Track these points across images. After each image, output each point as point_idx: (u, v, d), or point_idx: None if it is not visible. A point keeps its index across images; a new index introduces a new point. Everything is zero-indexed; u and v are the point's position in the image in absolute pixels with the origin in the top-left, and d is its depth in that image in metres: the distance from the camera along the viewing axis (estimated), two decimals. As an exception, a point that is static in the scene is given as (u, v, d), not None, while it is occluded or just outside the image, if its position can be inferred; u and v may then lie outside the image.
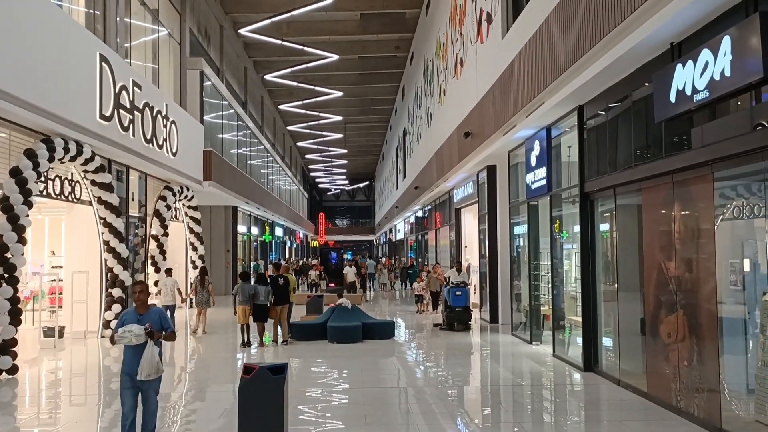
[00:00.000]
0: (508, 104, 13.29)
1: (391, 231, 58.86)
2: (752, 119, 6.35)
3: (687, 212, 7.79)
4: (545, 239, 13.46)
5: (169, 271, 18.06)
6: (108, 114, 14.80)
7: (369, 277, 33.44)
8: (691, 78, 6.74)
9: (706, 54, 6.46)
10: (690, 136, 7.42)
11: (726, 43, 6.13)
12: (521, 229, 15.43)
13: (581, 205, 10.55)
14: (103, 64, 14.49)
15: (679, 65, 7.00)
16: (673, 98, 7.14)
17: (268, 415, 6.58)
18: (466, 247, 24.09)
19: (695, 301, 7.49)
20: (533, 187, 13.10)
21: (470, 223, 24.00)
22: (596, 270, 10.43)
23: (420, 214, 35.83)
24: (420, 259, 34.81)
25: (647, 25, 7.12)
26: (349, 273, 27.94)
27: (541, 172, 12.47)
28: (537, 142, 12.77)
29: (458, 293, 16.53)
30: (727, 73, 6.14)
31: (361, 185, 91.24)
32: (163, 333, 6.71)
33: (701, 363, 7.36)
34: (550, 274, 12.62)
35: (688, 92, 6.81)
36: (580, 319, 11.04)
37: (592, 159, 10.44)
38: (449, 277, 17.39)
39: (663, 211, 8.33)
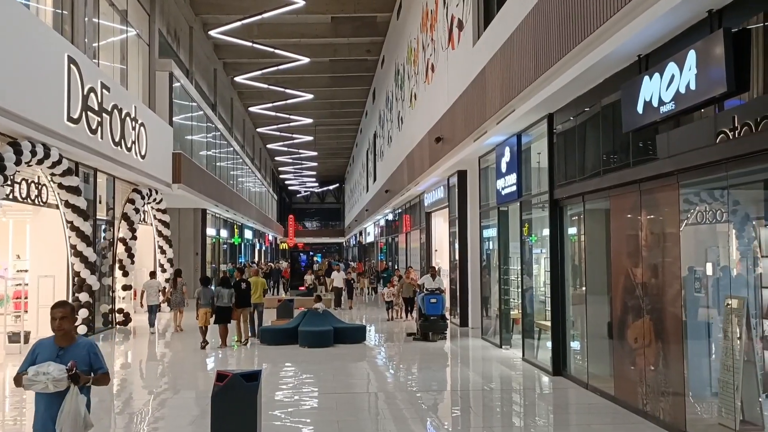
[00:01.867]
0: (480, 111, 13.45)
1: (361, 234, 58.90)
2: (716, 131, 6.54)
3: (653, 219, 7.98)
4: (515, 244, 13.64)
5: (153, 274, 19.58)
6: (76, 116, 14.60)
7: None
8: (657, 90, 6.92)
9: (672, 67, 6.65)
10: (657, 146, 7.61)
11: (691, 57, 6.32)
12: (491, 233, 15.61)
13: (551, 211, 10.73)
14: (72, 66, 14.29)
15: (646, 77, 7.18)
16: (640, 109, 7.32)
17: (242, 423, 6.58)
18: (436, 250, 24.25)
19: (661, 306, 7.68)
20: (503, 192, 13.26)
21: (441, 226, 24.15)
22: (565, 275, 10.61)
23: (390, 217, 35.96)
24: (391, 263, 34.74)
25: (616, 38, 7.29)
26: (336, 278, 24.88)
27: (512, 178, 12.64)
28: (507, 149, 12.94)
29: (433, 300, 15.34)
30: (693, 86, 6.32)
31: (331, 188, 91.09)
32: (92, 376, 4.89)
33: (667, 367, 7.56)
34: (519, 279, 12.79)
35: (655, 104, 7.00)
36: (549, 323, 11.22)
37: (561, 166, 10.62)
38: (423, 284, 16.39)
39: (630, 218, 8.53)
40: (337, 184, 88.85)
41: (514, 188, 12.51)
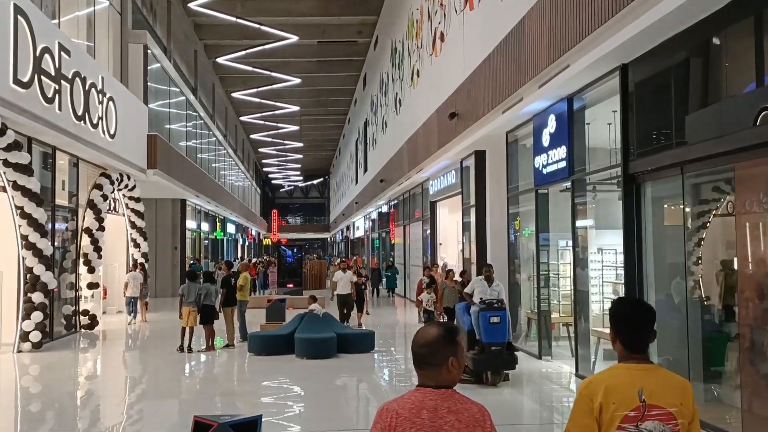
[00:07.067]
0: (514, 74, 11.15)
1: (348, 228, 56.44)
2: None
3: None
4: (559, 234, 11.42)
5: (135, 266, 19.46)
6: (26, 80, 12.10)
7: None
8: None
9: None
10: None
11: None
12: (522, 222, 13.40)
13: (625, 190, 8.41)
14: (19, 17, 11.79)
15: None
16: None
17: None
18: (440, 244, 21.99)
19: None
20: (546, 171, 10.97)
21: (445, 217, 21.94)
22: (643, 273, 8.31)
23: (384, 209, 33.58)
24: (392, 259, 31.55)
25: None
26: (342, 282, 17.04)
27: (560, 152, 10.36)
28: (552, 117, 10.66)
29: (495, 320, 9.52)
30: None
31: (315, 182, 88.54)
32: None
33: None
34: (571, 277, 10.53)
35: None
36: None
37: (641, 131, 8.33)
38: (472, 292, 10.55)
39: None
40: (322, 178, 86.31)
41: (563, 164, 10.21)
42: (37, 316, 13.03)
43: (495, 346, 9.42)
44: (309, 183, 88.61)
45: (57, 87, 13.51)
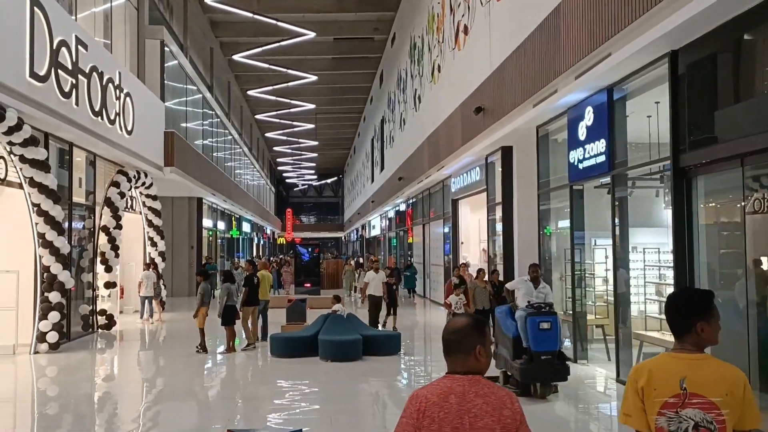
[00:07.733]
0: (548, 65, 10.67)
1: (364, 227, 56.06)
2: None
3: None
4: (592, 232, 10.93)
5: (148, 266, 19.04)
6: (42, 73, 11.77)
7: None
8: None
9: None
10: None
11: None
12: (554, 218, 12.95)
13: (675, 185, 7.91)
14: (35, 8, 11.45)
15: None
16: None
17: None
18: (462, 243, 21.53)
19: None
20: (582, 166, 10.49)
21: (467, 216, 21.47)
22: (694, 272, 7.82)
23: (402, 207, 33.14)
24: (410, 258, 31.15)
25: None
26: (374, 282, 15.59)
27: (598, 146, 9.87)
28: (590, 109, 10.18)
29: (545, 326, 8.52)
30: None
31: (329, 181, 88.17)
32: None
33: None
34: (607, 277, 10.05)
35: None
36: (657, 335, 8.53)
37: (693, 122, 7.83)
38: (514, 291, 9.76)
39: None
40: (336, 177, 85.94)
41: (602, 158, 9.72)
42: (54, 316, 12.70)
43: (545, 354, 8.40)
44: (323, 182, 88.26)
45: (74, 81, 13.18)
